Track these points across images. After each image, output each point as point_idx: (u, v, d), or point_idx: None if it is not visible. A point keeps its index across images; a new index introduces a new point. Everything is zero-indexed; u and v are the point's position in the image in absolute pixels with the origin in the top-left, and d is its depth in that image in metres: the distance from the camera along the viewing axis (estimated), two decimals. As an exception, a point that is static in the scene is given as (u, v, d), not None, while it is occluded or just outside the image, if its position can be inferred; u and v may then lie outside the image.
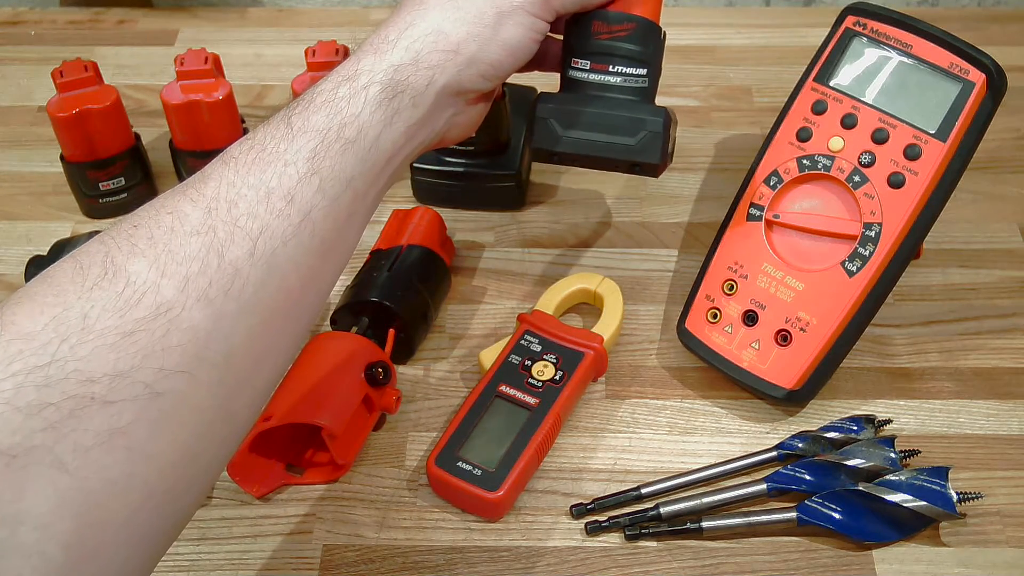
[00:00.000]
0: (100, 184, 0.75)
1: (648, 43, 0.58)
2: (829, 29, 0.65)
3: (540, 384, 0.61)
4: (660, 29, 0.59)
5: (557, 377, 0.62)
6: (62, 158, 0.75)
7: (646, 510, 0.58)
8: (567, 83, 0.59)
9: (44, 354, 0.37)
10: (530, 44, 0.54)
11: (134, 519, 0.39)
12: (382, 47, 0.50)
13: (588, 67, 0.59)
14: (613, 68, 0.58)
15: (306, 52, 0.74)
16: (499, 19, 0.52)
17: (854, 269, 0.60)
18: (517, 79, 0.60)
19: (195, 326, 0.40)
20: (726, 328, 0.63)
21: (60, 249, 0.67)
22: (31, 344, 0.37)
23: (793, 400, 0.62)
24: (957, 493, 0.56)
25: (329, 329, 0.67)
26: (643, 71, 0.58)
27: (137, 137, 0.77)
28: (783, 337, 0.61)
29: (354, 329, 0.63)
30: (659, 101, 0.59)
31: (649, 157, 0.58)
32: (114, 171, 0.75)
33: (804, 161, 0.63)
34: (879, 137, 0.61)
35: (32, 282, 0.40)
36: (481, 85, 0.53)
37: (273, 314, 0.44)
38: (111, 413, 0.37)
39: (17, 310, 0.38)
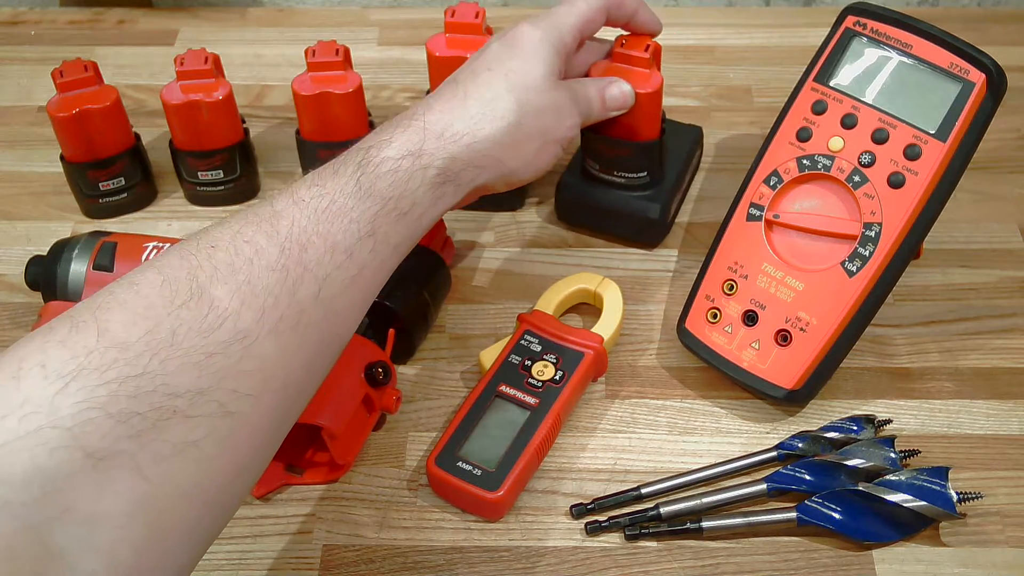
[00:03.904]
0: (100, 184, 0.75)
1: (646, 157, 0.69)
2: (829, 29, 0.65)
3: (540, 384, 0.61)
4: (658, 142, 0.69)
5: (557, 377, 0.62)
6: (62, 158, 0.75)
7: (646, 510, 0.58)
8: (583, 170, 0.72)
9: (137, 365, 0.39)
10: (551, 167, 0.61)
11: (196, 527, 0.42)
12: (446, 134, 0.54)
13: (598, 168, 0.71)
14: (617, 174, 0.70)
15: (306, 52, 0.74)
16: (542, 148, 0.59)
17: (854, 269, 0.60)
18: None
19: (265, 355, 0.44)
20: (726, 328, 0.63)
21: (60, 249, 0.66)
22: (126, 354, 0.40)
23: (793, 400, 0.62)
24: (957, 493, 0.56)
25: (329, 329, 0.67)
26: (644, 173, 0.70)
27: (137, 137, 0.77)
28: (783, 337, 0.61)
29: (354, 329, 0.63)
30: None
31: (650, 240, 0.73)
32: (114, 171, 0.75)
33: (804, 161, 0.63)
34: (879, 137, 0.61)
35: (119, 287, 0.43)
36: (503, 189, 0.59)
37: (322, 351, 0.48)
38: (189, 427, 0.40)
39: (111, 317, 0.41)
